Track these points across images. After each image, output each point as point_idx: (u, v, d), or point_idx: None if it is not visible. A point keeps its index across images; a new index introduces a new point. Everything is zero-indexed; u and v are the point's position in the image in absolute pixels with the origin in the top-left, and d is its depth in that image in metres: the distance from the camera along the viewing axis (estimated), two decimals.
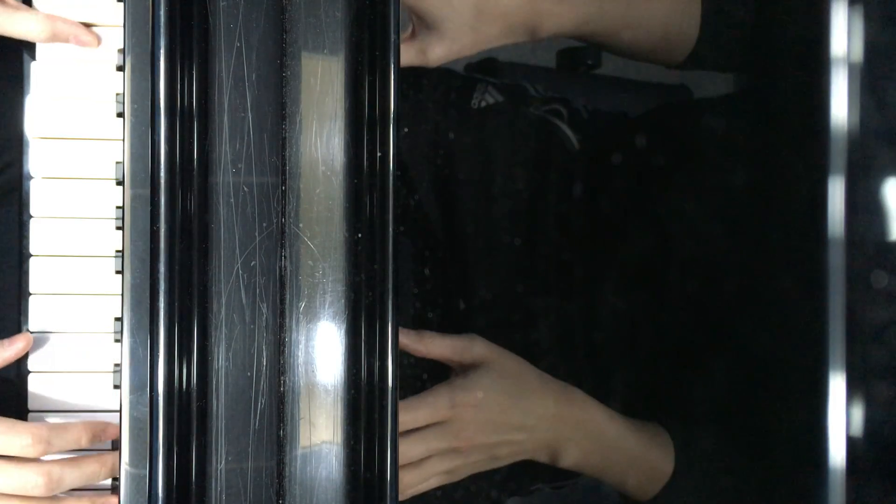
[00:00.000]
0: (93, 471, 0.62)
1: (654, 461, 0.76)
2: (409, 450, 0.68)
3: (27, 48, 0.66)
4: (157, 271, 0.52)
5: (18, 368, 0.66)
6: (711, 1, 0.77)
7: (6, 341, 0.64)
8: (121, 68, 0.59)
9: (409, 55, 0.69)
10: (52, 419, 0.66)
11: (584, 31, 0.73)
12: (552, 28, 0.72)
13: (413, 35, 0.71)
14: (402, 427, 0.68)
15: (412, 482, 0.69)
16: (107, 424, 0.64)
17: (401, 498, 0.68)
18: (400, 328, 0.69)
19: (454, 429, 0.69)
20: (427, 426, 0.70)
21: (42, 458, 0.61)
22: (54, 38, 0.63)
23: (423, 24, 0.69)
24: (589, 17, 0.73)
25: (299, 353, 0.54)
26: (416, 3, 0.68)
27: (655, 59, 0.79)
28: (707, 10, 0.76)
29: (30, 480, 0.60)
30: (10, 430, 0.60)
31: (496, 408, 0.70)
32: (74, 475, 0.61)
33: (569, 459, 0.73)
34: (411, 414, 0.69)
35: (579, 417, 0.73)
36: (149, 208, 0.52)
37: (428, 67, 0.70)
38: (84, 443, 0.63)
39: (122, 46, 0.57)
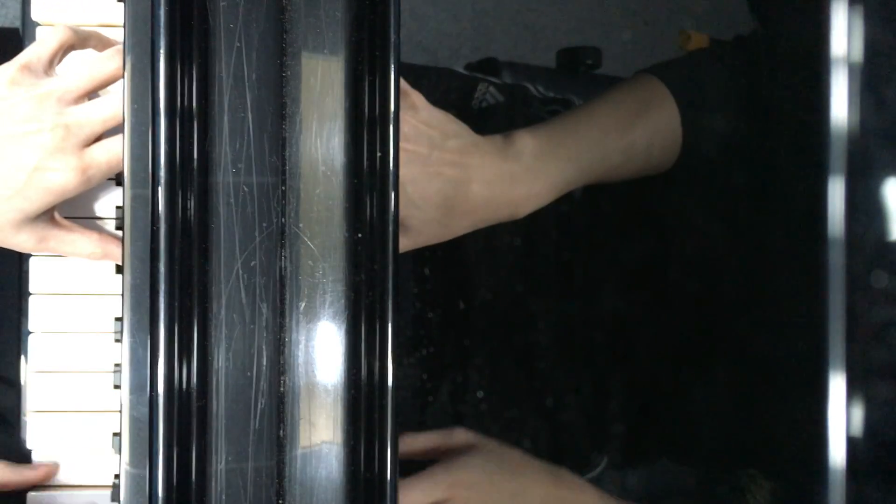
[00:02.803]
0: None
1: None
2: None
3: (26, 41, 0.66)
4: (157, 271, 0.52)
5: (18, 368, 0.66)
6: (691, 112, 0.75)
7: (31, 466, 0.65)
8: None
9: None
10: (53, 417, 0.66)
11: (567, 191, 0.71)
12: (531, 207, 0.70)
13: None
14: None
15: None
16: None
17: None
18: None
19: None
20: None
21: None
22: (105, 258, 0.65)
23: None
24: (569, 181, 0.71)
25: (299, 353, 0.54)
26: None
27: (642, 175, 0.77)
28: (688, 123, 0.75)
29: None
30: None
31: (491, 489, 0.69)
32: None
33: None
34: (409, 495, 0.67)
35: (570, 498, 0.72)
36: (149, 208, 0.52)
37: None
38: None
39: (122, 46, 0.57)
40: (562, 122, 0.72)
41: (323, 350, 0.54)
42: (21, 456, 0.67)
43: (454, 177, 0.66)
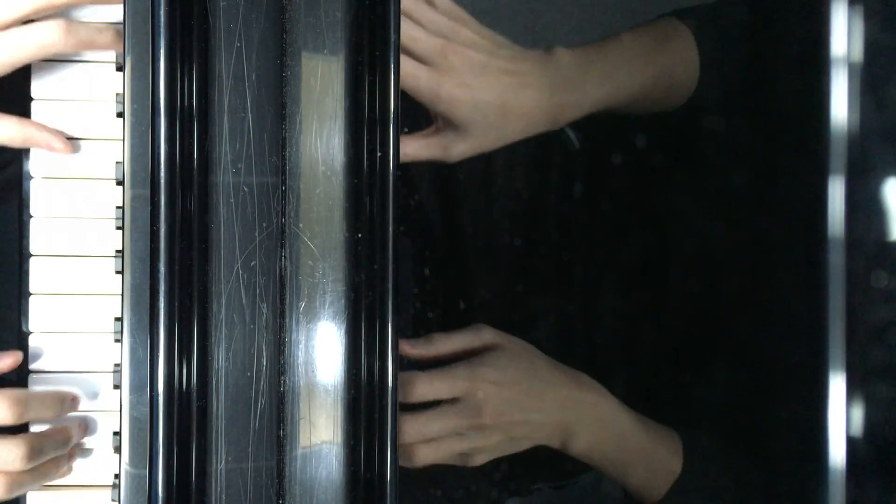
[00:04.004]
0: (66, 437, 0.63)
1: (662, 458, 0.75)
2: (429, 425, 0.68)
3: None
4: (157, 271, 0.52)
5: (19, 368, 0.66)
6: (708, 47, 0.77)
7: None
8: (121, 68, 0.59)
9: (431, 150, 0.71)
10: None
11: (600, 109, 0.75)
12: (572, 116, 0.74)
13: (437, 131, 0.72)
14: (420, 399, 0.69)
15: (428, 458, 0.69)
16: (73, 394, 0.65)
17: (414, 465, 0.68)
18: (408, 340, 0.71)
19: (475, 405, 0.70)
20: (447, 403, 0.70)
21: (20, 424, 0.62)
22: (26, 143, 0.64)
23: (449, 124, 0.71)
24: (604, 96, 0.74)
25: (299, 353, 0.54)
26: (446, 109, 0.69)
27: (657, 109, 0.80)
28: (705, 58, 0.77)
29: (11, 453, 0.60)
30: None
31: (514, 386, 0.71)
32: (53, 443, 0.62)
33: (579, 445, 0.73)
34: (431, 386, 0.69)
35: (591, 401, 0.73)
36: (149, 208, 0.52)
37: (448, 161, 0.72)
38: (56, 411, 0.64)
39: (121, 46, 0.57)
40: (592, 46, 0.76)
41: (323, 350, 0.54)
42: None
43: (511, 83, 0.70)
